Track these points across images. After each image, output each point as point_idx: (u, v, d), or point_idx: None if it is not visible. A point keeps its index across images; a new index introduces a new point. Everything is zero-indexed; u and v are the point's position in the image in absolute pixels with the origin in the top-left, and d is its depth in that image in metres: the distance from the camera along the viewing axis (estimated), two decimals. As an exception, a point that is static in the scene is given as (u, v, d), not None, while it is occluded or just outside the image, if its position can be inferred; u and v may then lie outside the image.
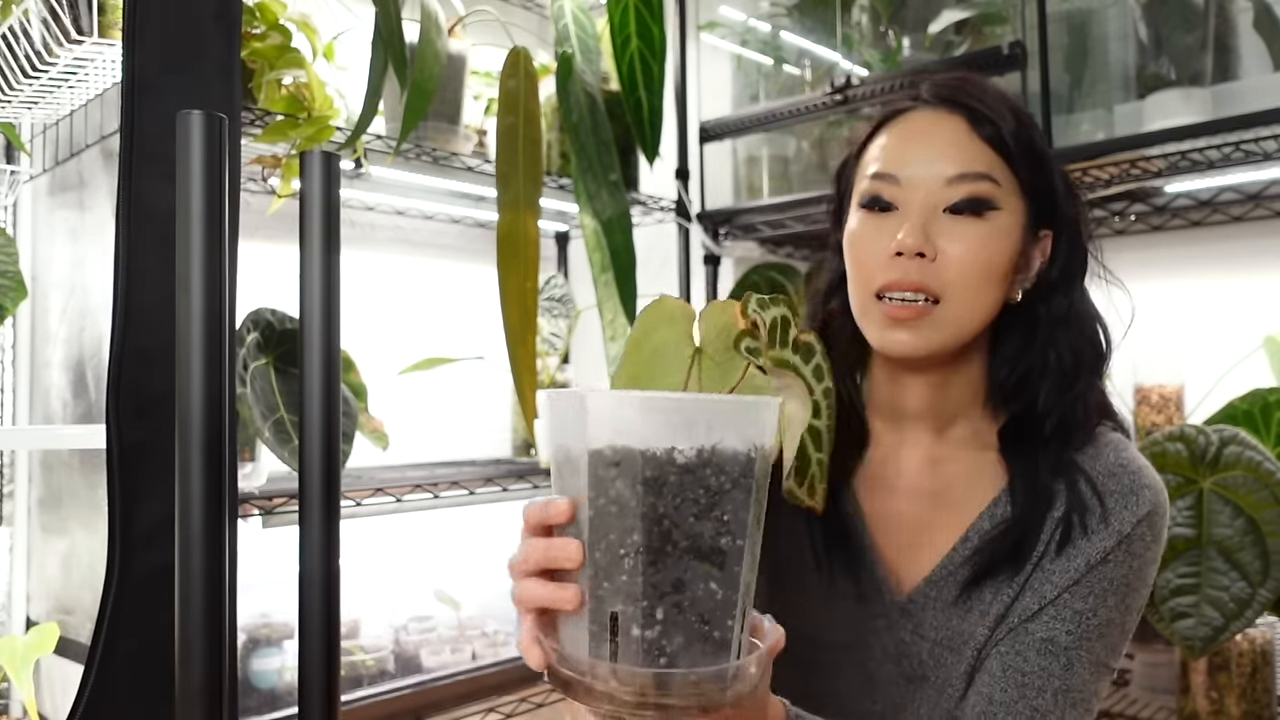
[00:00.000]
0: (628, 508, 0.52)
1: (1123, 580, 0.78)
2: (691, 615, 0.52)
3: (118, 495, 0.83)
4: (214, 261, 0.62)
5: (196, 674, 0.61)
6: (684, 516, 0.52)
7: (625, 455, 0.52)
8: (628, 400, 0.53)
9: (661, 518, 0.52)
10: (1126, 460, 0.81)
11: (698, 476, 0.52)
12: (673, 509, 0.52)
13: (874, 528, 0.86)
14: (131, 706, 0.84)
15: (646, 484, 0.51)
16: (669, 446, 0.52)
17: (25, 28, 1.33)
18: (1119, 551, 0.78)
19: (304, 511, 0.71)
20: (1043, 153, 0.81)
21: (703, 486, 0.52)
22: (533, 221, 1.54)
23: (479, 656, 1.87)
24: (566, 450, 0.56)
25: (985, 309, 0.79)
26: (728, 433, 0.52)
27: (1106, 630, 0.77)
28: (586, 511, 0.53)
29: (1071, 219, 0.84)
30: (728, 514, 0.53)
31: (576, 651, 0.54)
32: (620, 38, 1.79)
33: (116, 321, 0.84)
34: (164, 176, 0.84)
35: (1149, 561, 0.79)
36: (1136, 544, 0.78)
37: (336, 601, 0.71)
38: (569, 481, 0.56)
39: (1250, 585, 1.16)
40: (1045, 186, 0.81)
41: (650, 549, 0.52)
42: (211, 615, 0.61)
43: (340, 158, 0.97)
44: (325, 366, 0.71)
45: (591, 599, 0.53)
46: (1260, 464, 1.18)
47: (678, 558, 0.52)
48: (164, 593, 0.83)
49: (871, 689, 0.84)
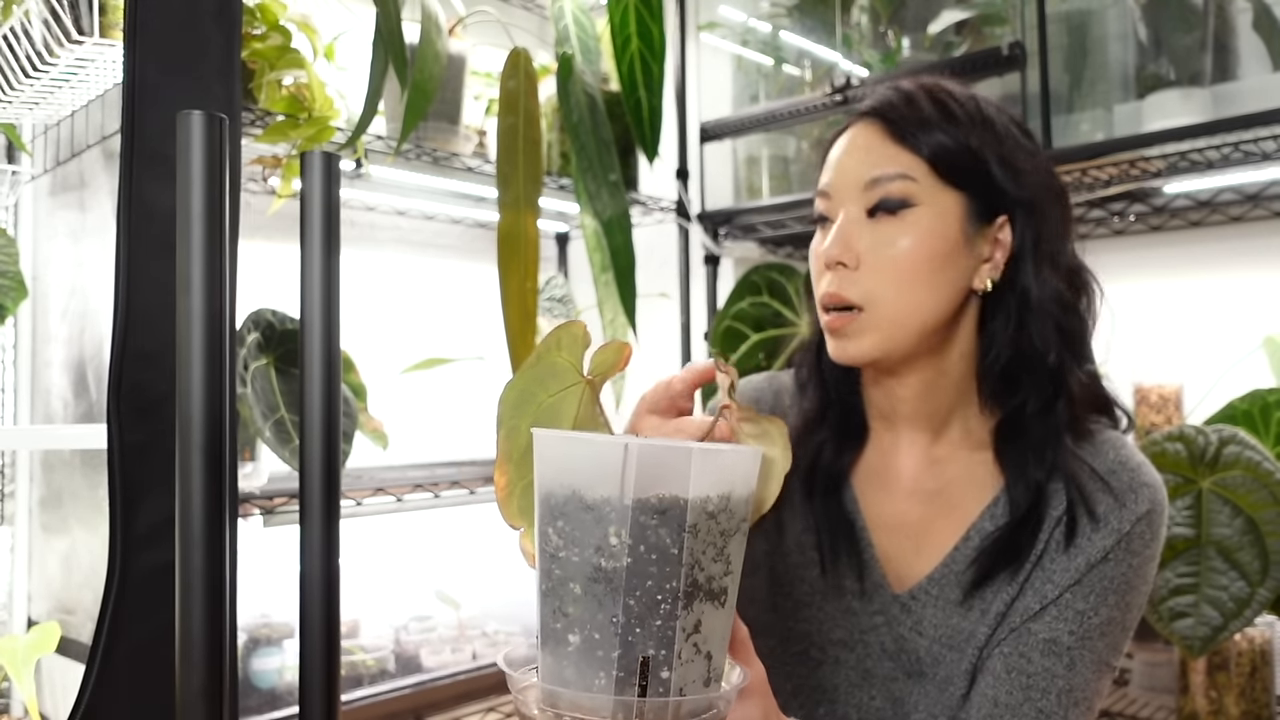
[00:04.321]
0: (668, 555, 0.53)
1: (1123, 579, 0.78)
2: (702, 655, 0.55)
3: (118, 495, 0.83)
4: (214, 262, 0.62)
5: (197, 674, 0.61)
6: (706, 560, 0.54)
7: (672, 505, 0.53)
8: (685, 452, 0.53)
9: (695, 564, 0.53)
10: (1125, 458, 0.81)
11: (718, 522, 0.54)
12: (700, 553, 0.54)
13: (874, 526, 0.86)
14: (132, 706, 0.84)
15: (690, 532, 0.53)
16: (704, 495, 0.53)
17: (26, 28, 1.33)
18: (1119, 550, 0.78)
19: (304, 511, 0.71)
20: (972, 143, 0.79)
21: (719, 531, 0.54)
22: (533, 221, 1.55)
23: (479, 656, 1.87)
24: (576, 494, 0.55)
25: (920, 306, 0.78)
26: (738, 482, 0.55)
27: (1108, 629, 0.78)
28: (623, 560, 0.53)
29: (1026, 201, 0.80)
30: (732, 555, 0.56)
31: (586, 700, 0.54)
32: (620, 38, 1.79)
33: (117, 322, 0.84)
34: (164, 177, 0.84)
35: (1148, 559, 0.80)
36: (1136, 542, 0.78)
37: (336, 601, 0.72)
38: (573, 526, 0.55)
39: (1249, 585, 1.17)
40: (981, 174, 0.79)
41: (685, 594, 0.53)
42: (212, 615, 0.62)
43: (340, 158, 0.97)
44: (325, 366, 0.72)
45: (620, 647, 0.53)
46: (1259, 464, 1.18)
47: (699, 600, 0.54)
48: (164, 592, 0.83)
49: (869, 684, 0.85)
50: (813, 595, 0.87)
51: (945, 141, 0.78)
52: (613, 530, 0.53)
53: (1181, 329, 1.62)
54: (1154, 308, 1.66)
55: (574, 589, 0.55)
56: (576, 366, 0.64)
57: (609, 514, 0.53)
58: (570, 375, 0.64)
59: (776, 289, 1.81)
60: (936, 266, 0.78)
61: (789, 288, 1.81)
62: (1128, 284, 1.69)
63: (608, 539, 0.53)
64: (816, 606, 0.87)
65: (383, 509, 1.60)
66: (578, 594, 0.55)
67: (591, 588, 0.54)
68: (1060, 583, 0.78)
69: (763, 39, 2.07)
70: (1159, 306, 1.65)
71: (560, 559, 0.55)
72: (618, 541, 0.53)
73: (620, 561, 0.53)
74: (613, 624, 0.54)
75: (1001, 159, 0.80)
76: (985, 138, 0.80)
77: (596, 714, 0.54)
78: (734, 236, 2.05)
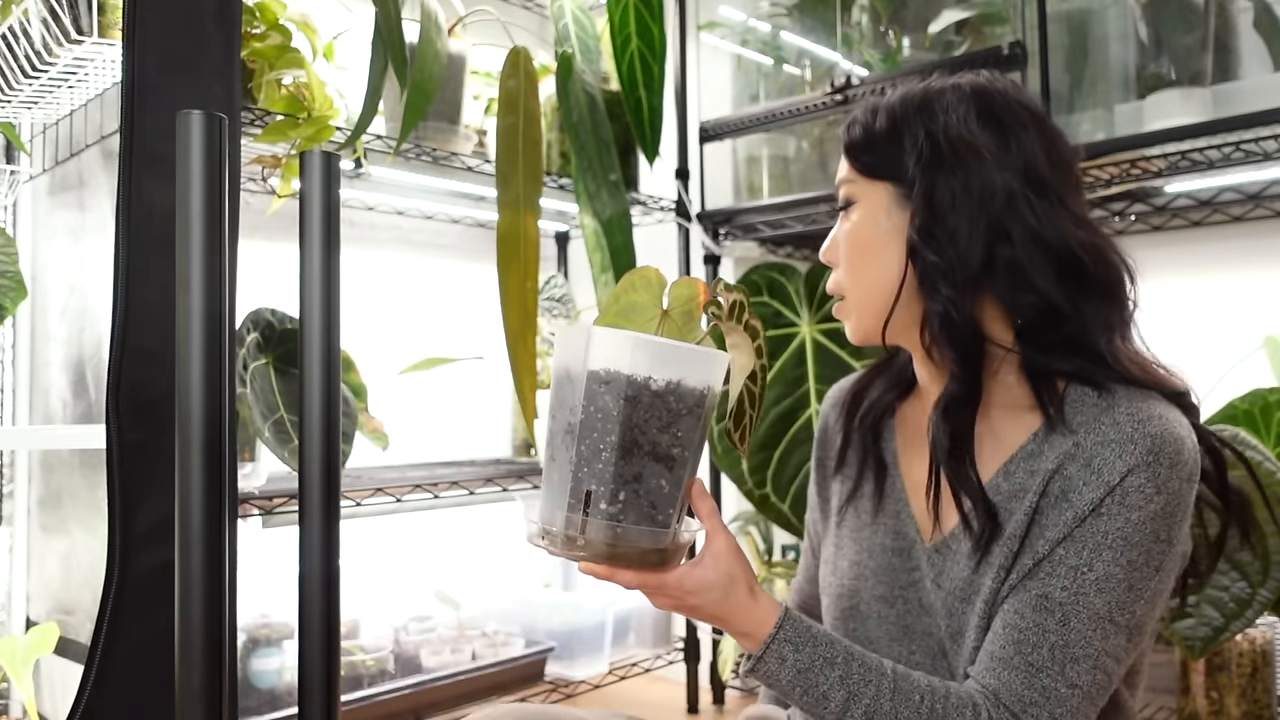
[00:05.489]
0: (610, 415, 0.71)
1: (1119, 534, 0.76)
2: (644, 501, 0.72)
3: (117, 495, 0.83)
4: (214, 261, 0.62)
5: (196, 674, 0.61)
6: (650, 428, 0.71)
7: (614, 377, 0.71)
8: (623, 337, 0.72)
9: (633, 426, 0.71)
10: (1136, 409, 0.78)
11: (664, 400, 0.71)
12: (642, 421, 0.71)
13: (907, 481, 0.92)
14: (131, 706, 0.84)
15: (627, 400, 0.71)
16: (647, 375, 0.71)
17: (25, 28, 1.33)
18: (1111, 503, 0.76)
19: (304, 511, 0.71)
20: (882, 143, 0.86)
21: (666, 408, 0.71)
22: (533, 221, 1.54)
23: (479, 656, 1.87)
24: (568, 370, 0.73)
25: (872, 287, 0.87)
26: (689, 372, 0.72)
27: (1105, 585, 0.76)
28: (579, 415, 0.72)
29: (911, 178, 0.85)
30: (681, 431, 0.72)
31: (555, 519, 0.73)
32: (620, 38, 1.79)
33: (116, 321, 0.84)
34: (164, 176, 0.84)
35: (1153, 516, 0.76)
36: (1132, 495, 0.76)
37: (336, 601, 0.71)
38: (565, 393, 0.74)
39: (1250, 586, 1.16)
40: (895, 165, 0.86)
41: (622, 447, 0.71)
42: (211, 615, 0.61)
43: (340, 158, 0.97)
44: (325, 366, 0.72)
45: (573, 480, 0.72)
46: (1260, 464, 1.18)
47: (640, 457, 0.71)
48: (164, 592, 0.83)
49: (909, 639, 0.88)
50: (865, 553, 0.92)
51: (864, 144, 0.88)
52: (579, 394, 0.72)
53: (1182, 329, 1.62)
54: (1155, 308, 1.66)
55: (556, 440, 0.74)
56: (655, 302, 0.77)
57: (579, 383, 0.72)
58: (650, 310, 0.77)
59: (776, 289, 1.81)
60: (871, 251, 0.87)
61: (789, 287, 1.81)
62: (1128, 284, 1.69)
63: (576, 400, 0.72)
64: (858, 563, 0.92)
65: (382, 509, 1.60)
66: (557, 443, 0.74)
67: (564, 438, 0.73)
68: (1051, 538, 0.78)
69: (763, 39, 2.07)
70: (1160, 306, 1.65)
71: (555, 418, 0.74)
72: (578, 402, 0.72)
73: (578, 417, 0.72)
74: (570, 464, 0.72)
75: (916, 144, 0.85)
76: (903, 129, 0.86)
77: (555, 526, 0.73)
78: (734, 236, 2.05)
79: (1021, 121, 0.84)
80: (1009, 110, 0.85)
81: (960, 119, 0.84)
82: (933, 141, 0.84)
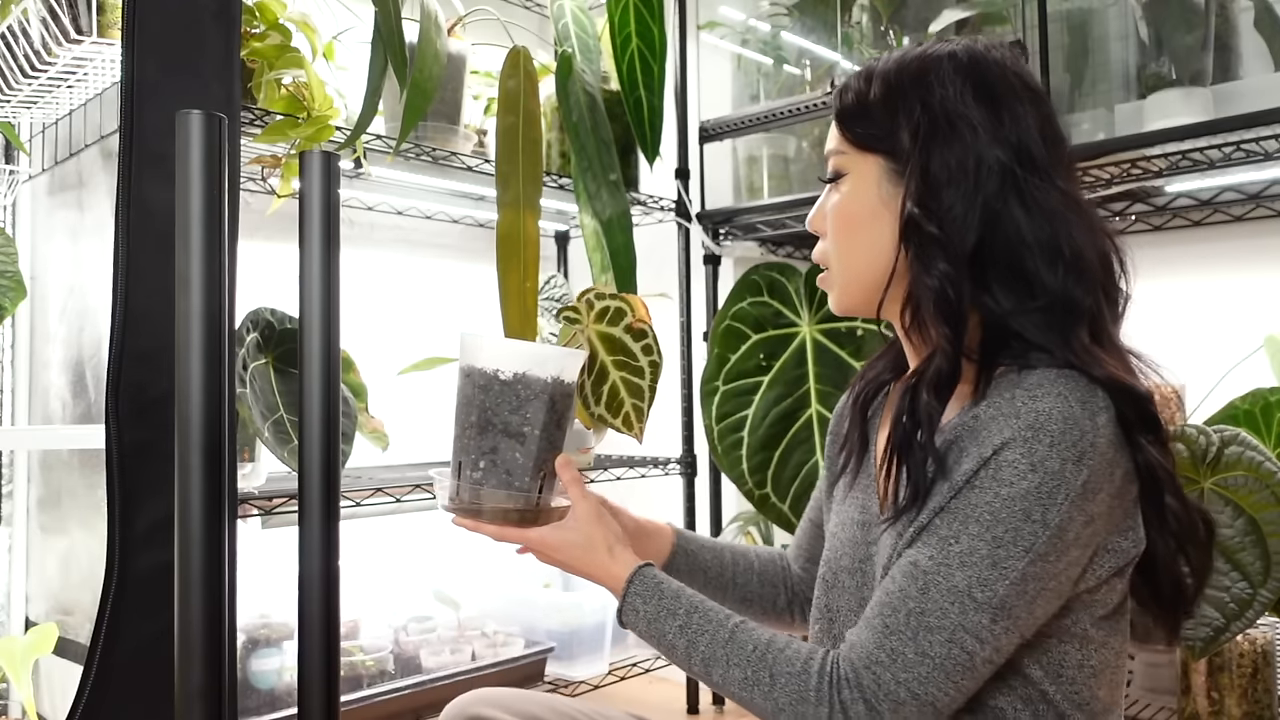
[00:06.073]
0: (472, 401, 0.89)
1: (987, 507, 0.74)
2: (501, 469, 0.89)
3: (117, 495, 0.83)
4: (213, 261, 0.62)
5: (196, 674, 0.60)
6: (501, 410, 0.88)
7: (473, 371, 0.90)
8: (480, 339, 0.91)
9: (487, 409, 0.89)
10: (1037, 384, 0.76)
11: (513, 389, 0.89)
12: (495, 404, 0.89)
13: (876, 457, 0.93)
14: (131, 706, 0.84)
15: (481, 388, 0.89)
16: (496, 369, 0.89)
17: (24, 27, 1.33)
18: (984, 476, 0.75)
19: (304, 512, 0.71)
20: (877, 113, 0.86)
21: (515, 395, 0.89)
22: (533, 221, 1.54)
23: (479, 656, 1.87)
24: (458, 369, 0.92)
25: (856, 261, 0.88)
26: (531, 366, 0.89)
27: (970, 560, 0.74)
28: (457, 404, 0.91)
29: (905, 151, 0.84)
30: (529, 413, 0.89)
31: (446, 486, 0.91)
32: (620, 37, 1.79)
33: (116, 321, 0.84)
34: (163, 176, 0.84)
35: (1024, 494, 0.73)
36: (1005, 470, 0.74)
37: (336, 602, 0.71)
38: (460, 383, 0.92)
39: (1251, 586, 1.16)
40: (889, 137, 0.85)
41: (480, 426, 0.89)
42: (211, 615, 0.61)
43: (340, 157, 0.97)
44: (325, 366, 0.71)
45: (453, 455, 0.90)
46: (1261, 464, 1.17)
47: (495, 434, 0.88)
48: (164, 593, 0.83)
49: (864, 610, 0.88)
50: (840, 526, 0.94)
51: (857, 114, 0.88)
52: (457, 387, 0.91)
53: (1183, 328, 1.62)
54: (1155, 307, 1.66)
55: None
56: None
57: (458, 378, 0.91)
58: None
59: (777, 288, 1.81)
60: (861, 225, 0.88)
61: (789, 287, 1.81)
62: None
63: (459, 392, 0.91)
64: (835, 535, 0.94)
65: (382, 509, 1.59)
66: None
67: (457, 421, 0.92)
68: (932, 507, 0.77)
69: (763, 39, 2.07)
70: (1160, 306, 1.65)
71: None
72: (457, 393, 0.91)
73: (457, 405, 0.91)
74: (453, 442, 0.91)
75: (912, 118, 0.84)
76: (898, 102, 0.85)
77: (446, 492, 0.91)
78: (734, 236, 2.05)
79: (1018, 95, 0.84)
80: (1005, 82, 0.84)
81: (957, 92, 0.83)
82: (930, 115, 0.83)
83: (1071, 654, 0.79)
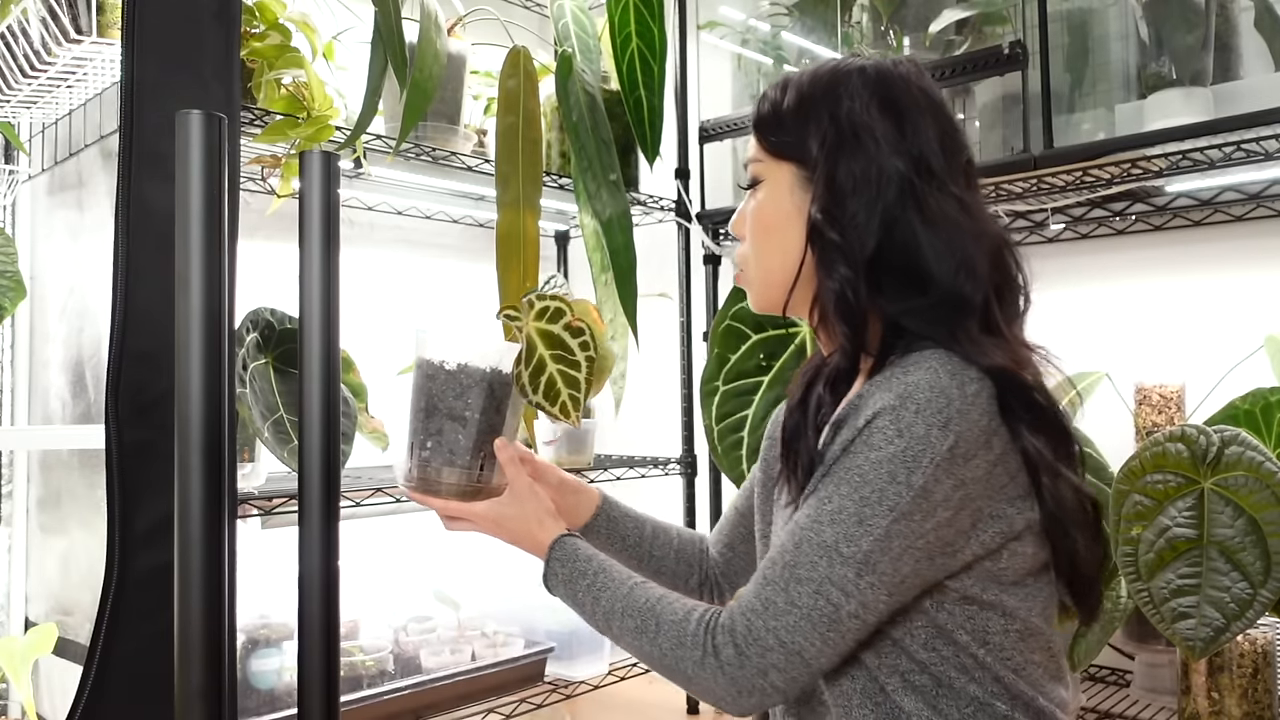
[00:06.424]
0: (421, 388, 1.00)
1: (858, 470, 0.80)
2: (445, 449, 0.99)
3: (117, 495, 0.83)
4: (213, 261, 0.62)
5: (196, 674, 0.60)
6: (445, 397, 0.98)
7: (422, 362, 1.00)
8: (428, 333, 1.00)
9: (432, 395, 0.99)
10: (910, 362, 0.83)
11: (455, 377, 0.98)
12: (439, 391, 0.99)
13: None
14: (131, 706, 0.84)
15: (428, 377, 0.99)
16: (441, 359, 0.99)
17: (24, 27, 1.33)
18: (859, 443, 0.81)
19: (304, 512, 0.71)
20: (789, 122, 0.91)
21: (458, 383, 0.98)
22: (533, 221, 1.54)
23: (479, 657, 1.87)
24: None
25: (769, 263, 0.95)
26: (472, 358, 0.99)
27: (838, 517, 0.80)
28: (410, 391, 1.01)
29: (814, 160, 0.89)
30: (471, 399, 0.98)
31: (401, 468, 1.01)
32: (620, 37, 1.79)
33: (116, 321, 0.84)
34: (163, 176, 0.84)
35: (890, 457, 0.79)
36: (875, 435, 0.80)
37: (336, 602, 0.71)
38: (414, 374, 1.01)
39: (1251, 586, 1.16)
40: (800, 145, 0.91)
41: (425, 410, 0.99)
42: (211, 615, 0.61)
43: (340, 157, 0.97)
44: (325, 366, 0.71)
45: (406, 436, 1.00)
46: (1261, 464, 1.17)
47: (440, 417, 0.99)
48: (164, 593, 0.83)
49: None
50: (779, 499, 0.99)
51: (772, 123, 0.94)
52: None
53: (1183, 329, 1.62)
54: (1156, 307, 1.66)
55: None
56: None
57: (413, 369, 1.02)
58: None
59: (777, 289, 1.81)
60: (774, 229, 0.94)
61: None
62: (1129, 283, 1.69)
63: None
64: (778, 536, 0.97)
65: (382, 509, 1.59)
66: None
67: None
68: (816, 477, 0.85)
69: (763, 39, 2.07)
70: (1161, 306, 1.65)
71: None
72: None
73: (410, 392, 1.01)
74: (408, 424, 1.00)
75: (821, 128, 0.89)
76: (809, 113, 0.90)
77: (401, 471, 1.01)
78: (734, 236, 2.04)
79: (921, 108, 0.89)
80: (909, 96, 0.89)
81: (863, 105, 0.88)
82: (837, 127, 0.89)
83: (994, 620, 0.84)
